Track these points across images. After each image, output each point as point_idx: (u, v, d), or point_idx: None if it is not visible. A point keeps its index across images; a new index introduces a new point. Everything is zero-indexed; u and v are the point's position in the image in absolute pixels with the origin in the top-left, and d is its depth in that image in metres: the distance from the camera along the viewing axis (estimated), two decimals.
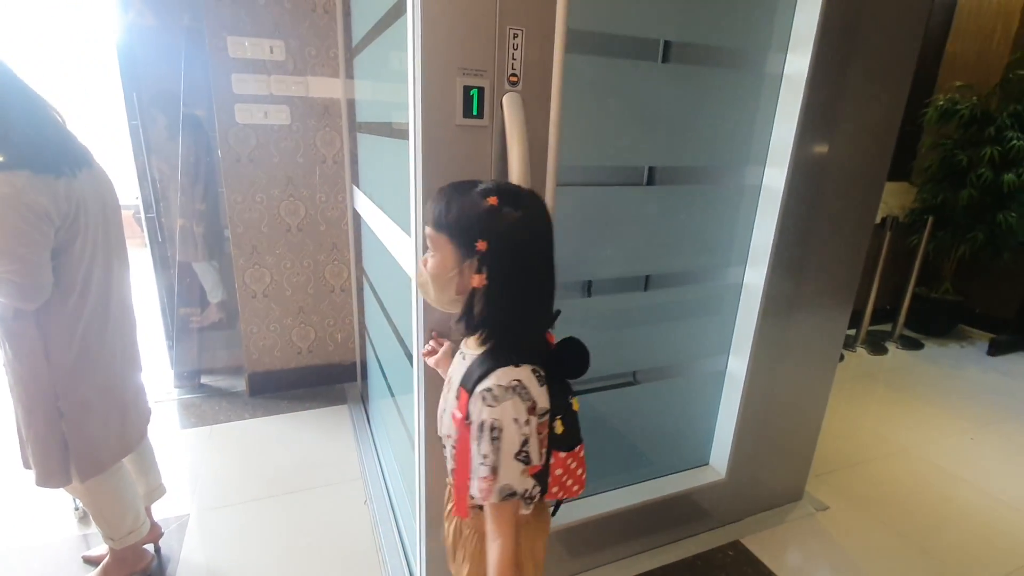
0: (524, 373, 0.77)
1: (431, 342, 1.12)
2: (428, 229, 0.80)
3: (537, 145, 1.06)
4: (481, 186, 0.78)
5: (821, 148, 1.41)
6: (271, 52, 2.16)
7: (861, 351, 3.55)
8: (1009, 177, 3.37)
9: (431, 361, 1.11)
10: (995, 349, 3.59)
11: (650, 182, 1.85)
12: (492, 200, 0.75)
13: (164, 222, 2.60)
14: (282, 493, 1.92)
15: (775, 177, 1.41)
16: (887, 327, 3.83)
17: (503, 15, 0.96)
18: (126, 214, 1.59)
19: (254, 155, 2.25)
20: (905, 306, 3.72)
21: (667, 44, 1.44)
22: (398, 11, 1.17)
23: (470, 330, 0.82)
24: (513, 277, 0.77)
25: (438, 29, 0.94)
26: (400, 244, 1.26)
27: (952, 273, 3.84)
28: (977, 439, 2.51)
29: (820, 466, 2.11)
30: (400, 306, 1.52)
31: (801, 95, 1.31)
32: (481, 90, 0.99)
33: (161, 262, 2.66)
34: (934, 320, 3.88)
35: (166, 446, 2.16)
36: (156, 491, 1.66)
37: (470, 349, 0.85)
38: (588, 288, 1.58)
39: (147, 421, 1.54)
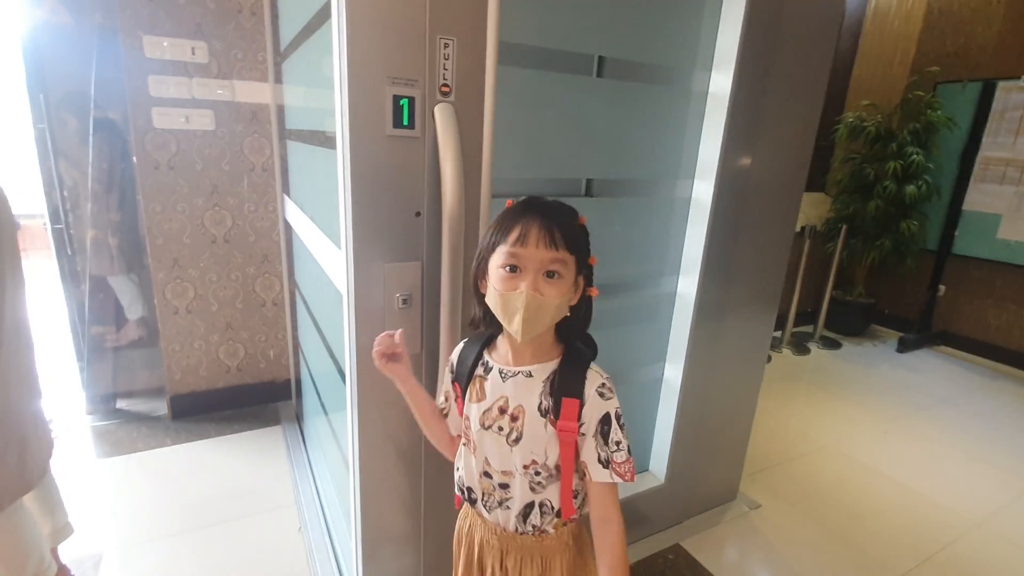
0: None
1: (392, 339, 0.92)
2: (560, 253, 0.77)
3: (471, 156, 1.04)
4: (564, 206, 0.83)
5: (744, 162, 1.48)
6: (192, 54, 2.04)
7: (786, 352, 3.75)
8: (911, 189, 3.68)
9: (388, 367, 0.92)
10: (903, 346, 3.89)
11: (588, 194, 1.88)
12: (583, 219, 0.83)
13: (74, 233, 2.39)
14: (209, 525, 1.79)
15: (703, 190, 1.47)
16: (809, 328, 4.08)
17: (433, 24, 0.95)
18: (33, 224, 1.45)
19: (175, 162, 2.12)
20: (824, 309, 3.97)
21: (601, 59, 1.47)
22: (324, 15, 1.13)
23: (572, 340, 0.86)
24: None
25: (365, 36, 0.91)
26: (331, 257, 1.21)
27: (864, 277, 4.15)
28: (890, 432, 2.70)
29: (752, 465, 2.20)
30: (332, 321, 1.46)
31: (725, 112, 1.37)
32: (412, 100, 0.97)
33: (71, 276, 2.44)
34: (850, 321, 4.17)
35: (77, 479, 1.97)
36: (63, 531, 1.51)
37: (534, 364, 0.84)
38: None
39: (50, 454, 1.40)
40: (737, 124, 1.40)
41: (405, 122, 0.97)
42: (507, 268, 0.78)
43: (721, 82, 1.37)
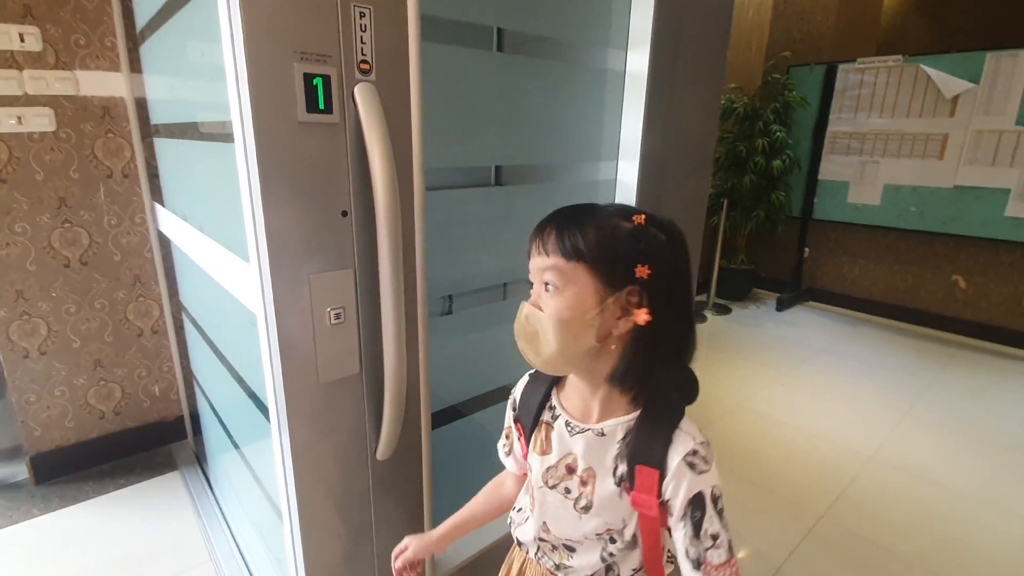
0: (692, 419, 0.66)
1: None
2: (551, 260, 0.62)
3: (399, 144, 0.93)
4: (607, 207, 0.66)
5: (664, 141, 1.49)
6: (22, 41, 1.67)
7: None
8: (777, 163, 4.07)
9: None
10: (781, 305, 4.32)
11: (498, 182, 1.81)
12: (640, 219, 0.63)
13: None
14: None
15: (628, 171, 1.46)
16: (703, 297, 4.39)
17: None
18: None
19: (7, 174, 1.72)
20: (715, 278, 4.29)
21: (500, 32, 1.39)
22: None
23: (626, 386, 0.66)
24: (675, 307, 0.64)
25: (263, 3, 0.76)
26: (236, 273, 1.03)
27: (744, 246, 4.54)
28: (786, 384, 2.97)
29: None
30: (242, 346, 1.27)
31: (644, 91, 1.37)
32: (327, 79, 0.83)
33: None
34: (735, 287, 4.55)
35: None
36: None
37: (607, 420, 0.68)
38: (449, 303, 1.48)
39: None
40: (655, 103, 1.40)
41: (321, 106, 0.83)
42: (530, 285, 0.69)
43: (637, 61, 1.37)
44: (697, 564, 0.61)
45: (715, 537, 0.61)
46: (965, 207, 3.55)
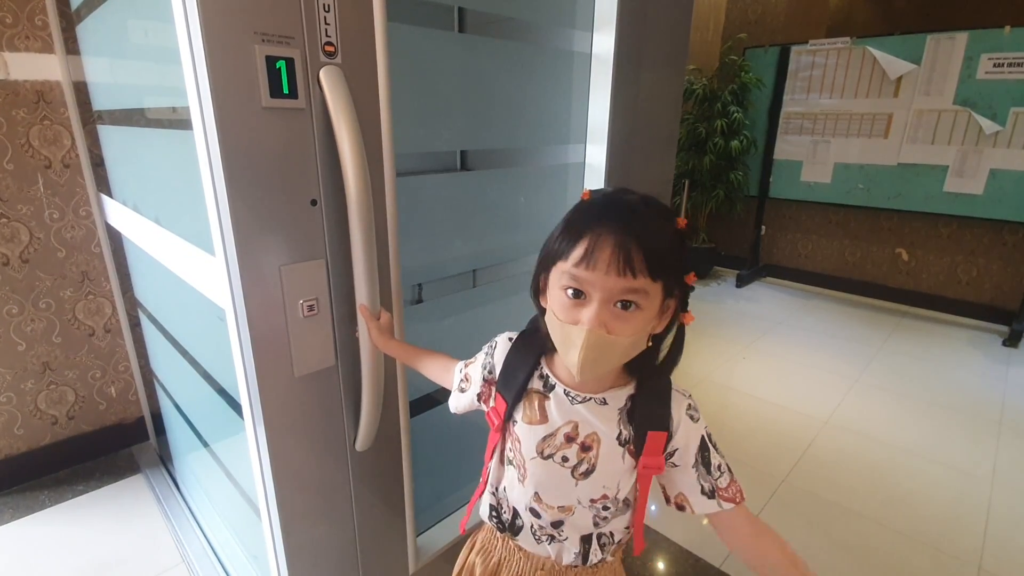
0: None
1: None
2: (638, 281, 0.59)
3: (367, 129, 0.90)
4: (652, 207, 0.64)
5: (631, 123, 1.50)
6: None
7: None
8: (735, 143, 4.17)
9: (380, 339, 0.93)
10: (740, 282, 4.47)
11: (464, 167, 1.79)
12: (683, 222, 0.64)
13: None
14: None
15: (596, 154, 1.47)
16: None
17: None
18: None
19: None
20: None
21: (462, 12, 1.36)
22: None
23: (648, 375, 0.71)
24: None
25: None
26: (200, 266, 0.99)
27: (704, 225, 4.65)
28: (748, 358, 3.08)
29: None
30: (209, 342, 1.22)
31: (611, 73, 1.37)
32: (290, 62, 0.79)
33: None
34: (697, 265, 4.67)
35: None
36: None
37: (605, 391, 0.71)
38: (419, 292, 1.46)
39: None
40: (622, 85, 1.41)
41: (285, 90, 0.80)
42: (569, 292, 0.62)
43: (604, 43, 1.36)
44: (712, 494, 0.70)
45: (719, 467, 0.71)
46: (907, 183, 3.73)
